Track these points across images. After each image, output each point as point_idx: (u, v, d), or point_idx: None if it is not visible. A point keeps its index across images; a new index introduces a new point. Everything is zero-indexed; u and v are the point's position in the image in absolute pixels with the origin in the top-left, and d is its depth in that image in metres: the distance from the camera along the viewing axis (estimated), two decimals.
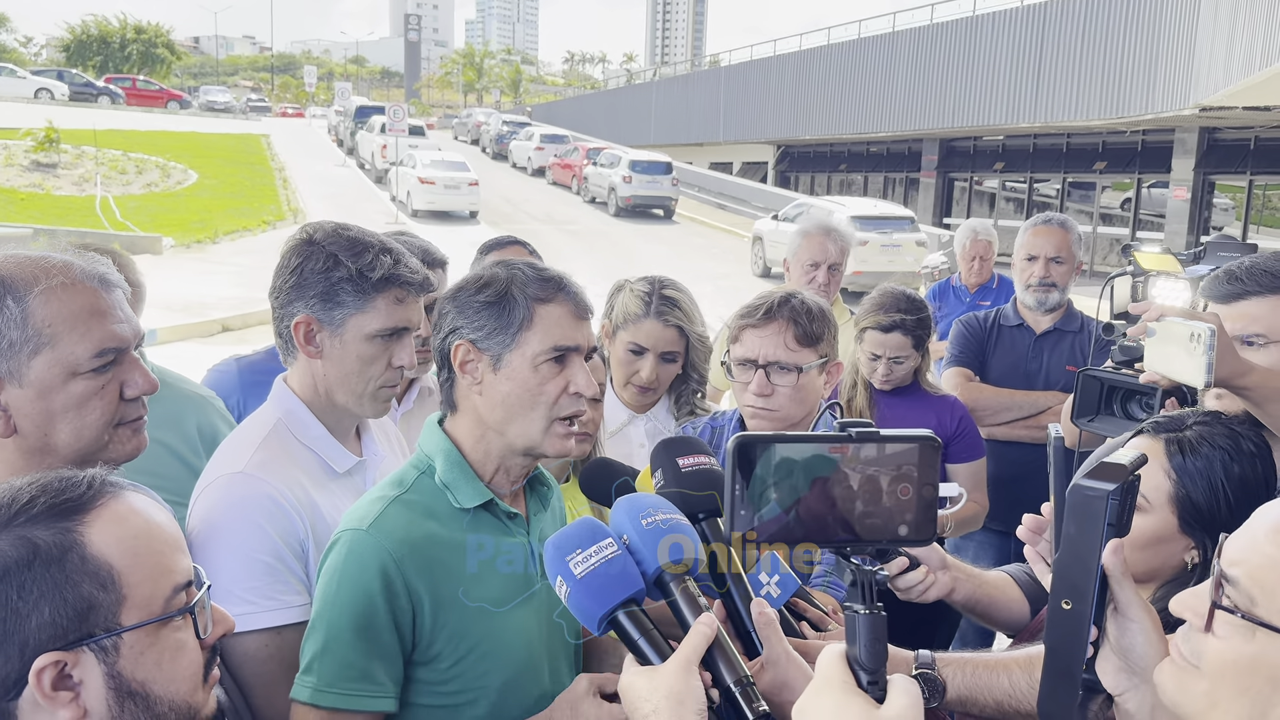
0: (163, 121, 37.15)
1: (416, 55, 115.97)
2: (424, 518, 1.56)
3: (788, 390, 2.18)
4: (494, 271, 1.60)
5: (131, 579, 1.07)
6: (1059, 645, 1.08)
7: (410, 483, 1.60)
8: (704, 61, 67.21)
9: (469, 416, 1.61)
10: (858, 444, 1.05)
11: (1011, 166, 25.63)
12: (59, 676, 1.03)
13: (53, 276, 1.45)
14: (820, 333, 2.22)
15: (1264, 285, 1.86)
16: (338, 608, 1.50)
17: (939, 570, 1.81)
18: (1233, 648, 1.01)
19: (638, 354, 2.68)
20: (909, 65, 26.10)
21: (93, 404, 1.47)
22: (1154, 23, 18.42)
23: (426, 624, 1.52)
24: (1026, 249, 3.79)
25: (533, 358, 1.55)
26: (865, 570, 1.05)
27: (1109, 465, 1.10)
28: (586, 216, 26.36)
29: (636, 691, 1.18)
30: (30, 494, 1.07)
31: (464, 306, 1.59)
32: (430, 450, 1.62)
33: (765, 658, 1.31)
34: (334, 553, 1.54)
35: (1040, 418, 3.65)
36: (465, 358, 1.58)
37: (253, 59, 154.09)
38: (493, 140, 40.98)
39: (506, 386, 1.56)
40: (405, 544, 1.51)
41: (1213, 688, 1.02)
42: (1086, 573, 1.06)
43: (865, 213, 18.01)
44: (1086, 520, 1.06)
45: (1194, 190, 19.99)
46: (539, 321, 1.56)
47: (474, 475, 1.60)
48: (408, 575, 1.50)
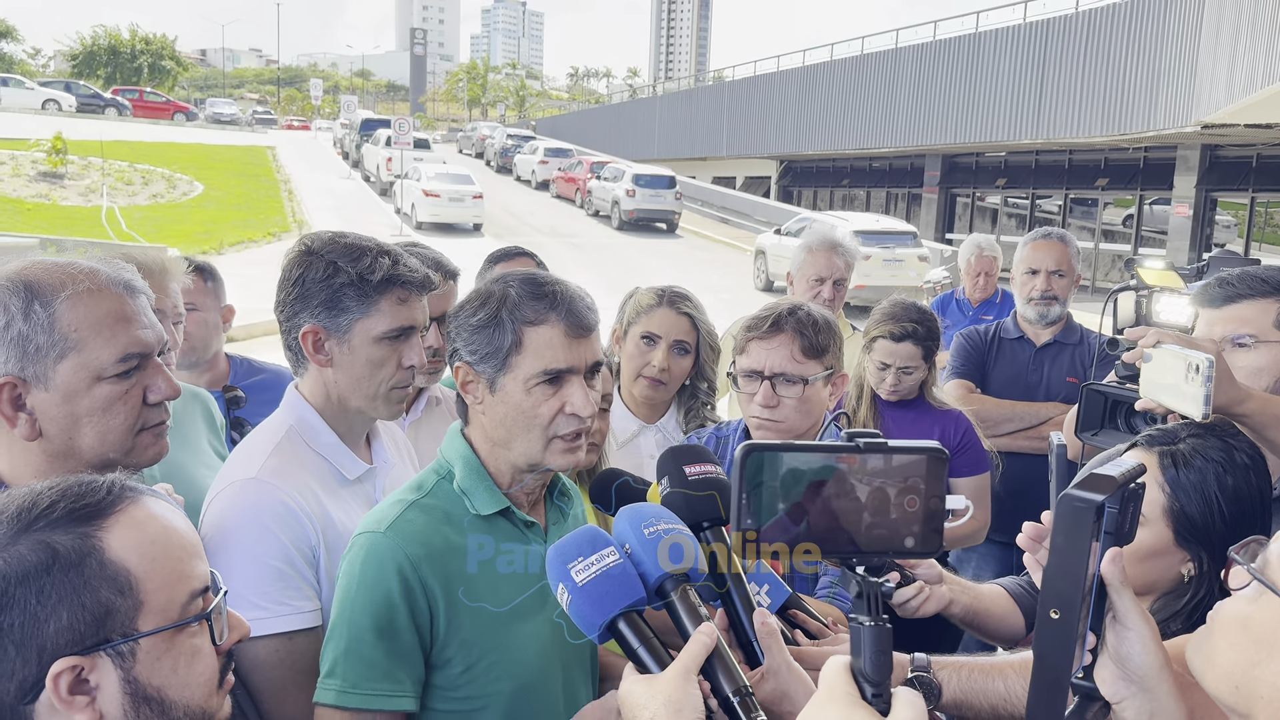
0: (169, 133, 37.25)
1: (422, 69, 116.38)
2: (441, 522, 1.57)
3: (793, 402, 2.19)
4: (489, 290, 1.59)
5: (149, 585, 1.07)
6: (1047, 654, 1.08)
7: (430, 487, 1.61)
8: (708, 76, 67.39)
9: (478, 430, 1.63)
10: (865, 454, 1.05)
11: (1014, 182, 25.66)
12: (76, 681, 1.03)
13: (79, 282, 1.47)
14: (826, 345, 2.22)
15: (1255, 289, 1.91)
16: (358, 609, 1.50)
17: (935, 584, 1.82)
18: (1237, 606, 1.04)
19: (651, 343, 2.72)
20: (912, 81, 26.17)
21: (117, 408, 1.49)
22: (1156, 40, 18.47)
23: (441, 627, 1.53)
24: (1027, 263, 3.82)
25: (524, 381, 1.55)
26: (871, 582, 1.05)
27: (1098, 476, 1.11)
28: (590, 230, 26.39)
29: (635, 699, 1.18)
30: (50, 499, 1.07)
31: (460, 328, 1.59)
32: (451, 456, 1.64)
33: (766, 667, 1.32)
34: (352, 555, 1.55)
35: (1041, 428, 3.66)
36: (465, 379, 1.60)
37: (259, 72, 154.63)
38: (497, 154, 41.05)
39: (502, 409, 1.57)
40: (422, 546, 1.52)
41: (1213, 642, 1.05)
42: (1074, 583, 1.06)
43: (868, 228, 18.03)
44: (1074, 530, 1.06)
45: (1196, 207, 20.00)
46: (528, 345, 1.55)
47: (492, 483, 1.61)
48: (424, 576, 1.51)
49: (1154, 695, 1.14)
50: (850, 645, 1.05)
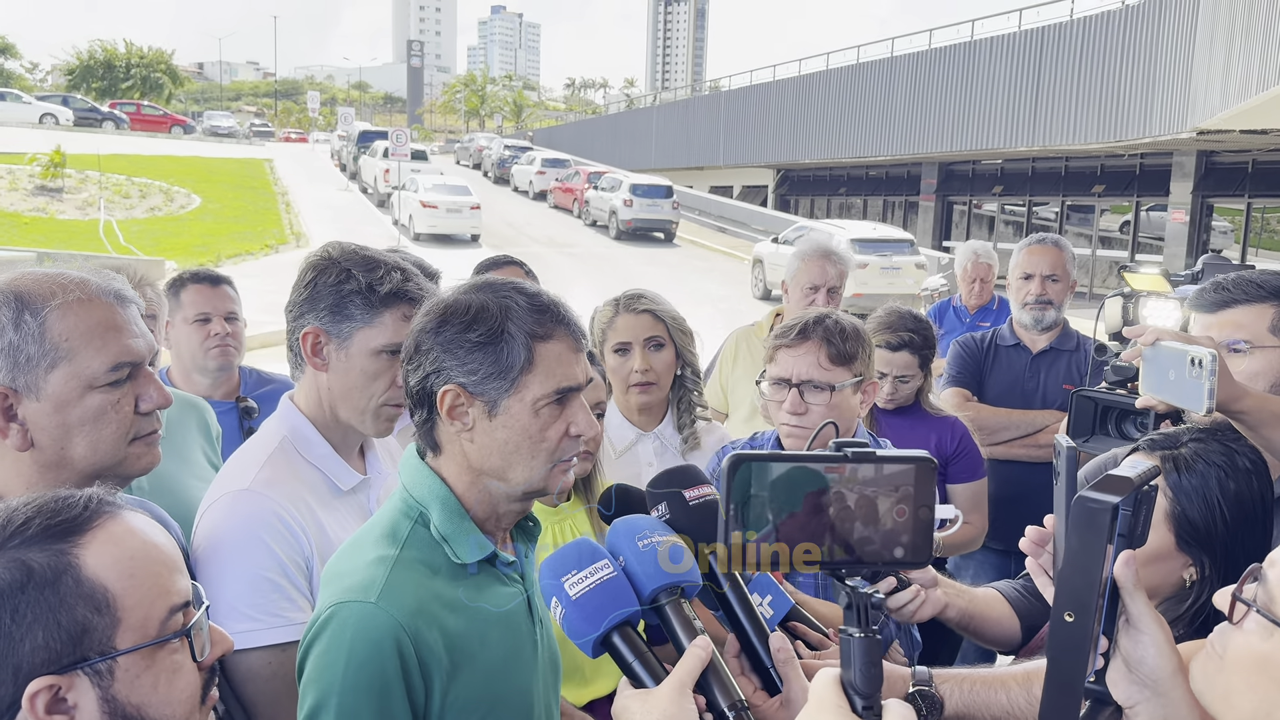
0: (166, 146, 37.34)
1: (419, 81, 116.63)
2: (427, 579, 1.40)
3: (821, 409, 2.19)
4: (482, 302, 1.41)
5: (127, 601, 1.05)
6: (1061, 658, 1.07)
7: (404, 536, 1.43)
8: (704, 86, 67.60)
9: (456, 462, 1.45)
10: (854, 464, 1.04)
11: (1010, 190, 25.71)
12: (53, 700, 1.01)
13: (69, 292, 1.46)
14: (854, 352, 2.22)
15: (1249, 294, 1.91)
16: (353, 694, 1.32)
17: (930, 588, 1.82)
18: (1250, 644, 1.03)
19: (624, 352, 2.72)
20: (908, 90, 26.24)
21: (108, 417, 1.49)
22: (1151, 47, 18.53)
23: (436, 701, 1.38)
24: (1022, 268, 3.83)
25: (533, 403, 1.40)
26: (860, 593, 1.04)
27: (1114, 478, 1.10)
28: (588, 240, 26.43)
29: (630, 714, 1.17)
30: (26, 515, 1.05)
31: (452, 345, 1.40)
32: (422, 496, 1.45)
33: (785, 696, 1.29)
34: (336, 629, 1.35)
35: (1038, 436, 3.66)
36: (454, 403, 1.40)
37: (256, 84, 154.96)
38: (495, 165, 41.13)
39: (504, 434, 1.40)
40: (418, 615, 1.35)
41: (1228, 680, 1.04)
42: (1089, 585, 1.05)
43: (865, 235, 18.08)
44: (1089, 533, 1.05)
45: (1192, 213, 20.04)
46: (540, 362, 1.40)
47: (473, 525, 1.45)
48: (421, 650, 1.35)
49: (1168, 700, 1.13)
50: (840, 657, 1.04)
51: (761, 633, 1.35)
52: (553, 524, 2.10)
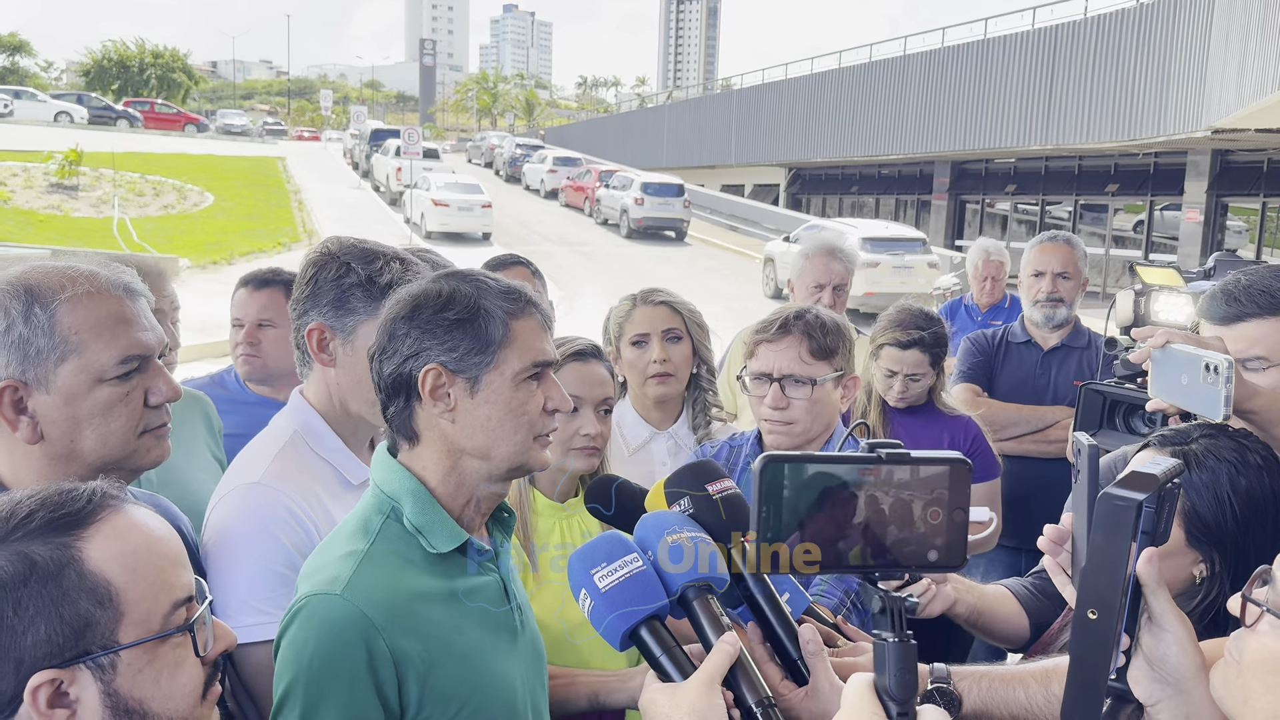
0: (180, 144, 37.52)
1: (431, 79, 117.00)
2: (399, 571, 1.42)
3: (803, 403, 2.19)
4: (453, 285, 1.46)
5: (130, 595, 1.05)
6: (1084, 655, 1.06)
7: (376, 530, 1.45)
8: (716, 85, 67.49)
9: (435, 447, 1.47)
10: (889, 465, 1.03)
11: (1023, 189, 25.60)
12: (55, 694, 1.01)
13: (78, 285, 1.47)
14: (835, 346, 2.22)
15: (1263, 306, 1.81)
16: (317, 683, 1.34)
17: (940, 583, 1.81)
18: (1266, 645, 1.02)
19: (642, 344, 2.73)
20: (920, 88, 26.16)
21: (118, 410, 1.49)
22: (1165, 45, 18.43)
23: (414, 692, 1.39)
24: (1033, 265, 3.82)
25: (513, 376, 1.45)
26: (894, 597, 1.03)
27: (1140, 475, 1.08)
28: (599, 238, 26.45)
29: (659, 708, 1.17)
30: (29, 508, 1.05)
31: (431, 326, 1.43)
32: (394, 491, 1.47)
33: (812, 686, 1.29)
34: (303, 621, 1.37)
35: (1048, 432, 3.65)
36: (436, 383, 1.43)
37: (269, 83, 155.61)
38: (506, 163, 41.23)
39: (486, 410, 1.44)
40: (387, 607, 1.37)
41: (1246, 683, 1.04)
42: (1113, 583, 1.04)
43: (877, 234, 18.04)
44: (1114, 530, 1.04)
45: (1207, 212, 19.92)
46: (517, 337, 1.45)
47: (446, 515, 1.47)
48: (393, 642, 1.37)
49: (1190, 698, 1.12)
50: (874, 662, 1.03)
51: (786, 623, 1.35)
52: (560, 521, 2.10)
